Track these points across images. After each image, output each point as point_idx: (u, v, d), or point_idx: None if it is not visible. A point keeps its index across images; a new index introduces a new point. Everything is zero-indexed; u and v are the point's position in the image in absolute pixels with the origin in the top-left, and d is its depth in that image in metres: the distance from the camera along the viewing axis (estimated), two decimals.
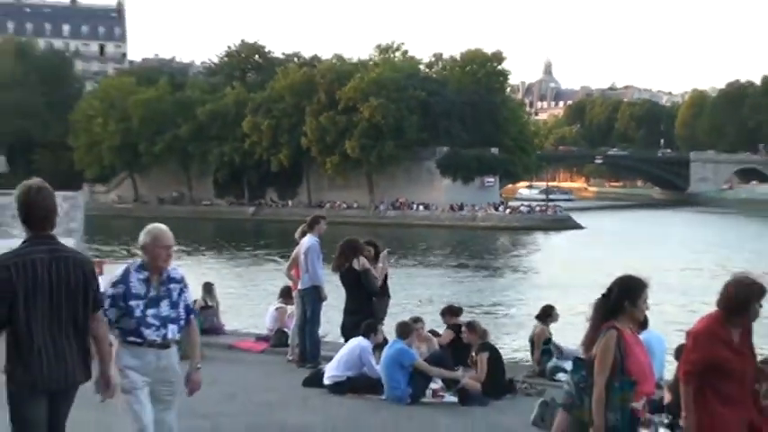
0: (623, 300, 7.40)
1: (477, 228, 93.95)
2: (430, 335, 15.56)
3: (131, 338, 7.02)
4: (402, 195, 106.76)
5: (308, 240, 16.10)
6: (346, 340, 15.08)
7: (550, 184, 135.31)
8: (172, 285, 7.17)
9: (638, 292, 7.43)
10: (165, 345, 7.08)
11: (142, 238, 7.16)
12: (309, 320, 16.15)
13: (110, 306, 7.00)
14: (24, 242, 6.92)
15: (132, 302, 7.00)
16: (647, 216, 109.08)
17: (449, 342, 15.41)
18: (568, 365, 13.72)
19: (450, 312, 16.38)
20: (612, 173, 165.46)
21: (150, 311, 7.02)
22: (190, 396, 7.37)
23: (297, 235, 17.05)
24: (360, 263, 15.56)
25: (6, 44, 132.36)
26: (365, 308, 15.45)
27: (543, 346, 16.06)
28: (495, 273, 60.04)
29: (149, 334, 7.01)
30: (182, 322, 7.22)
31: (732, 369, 7.40)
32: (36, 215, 6.96)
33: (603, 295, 7.57)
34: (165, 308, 7.09)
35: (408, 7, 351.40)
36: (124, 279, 7.09)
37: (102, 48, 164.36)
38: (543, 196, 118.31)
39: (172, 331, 7.12)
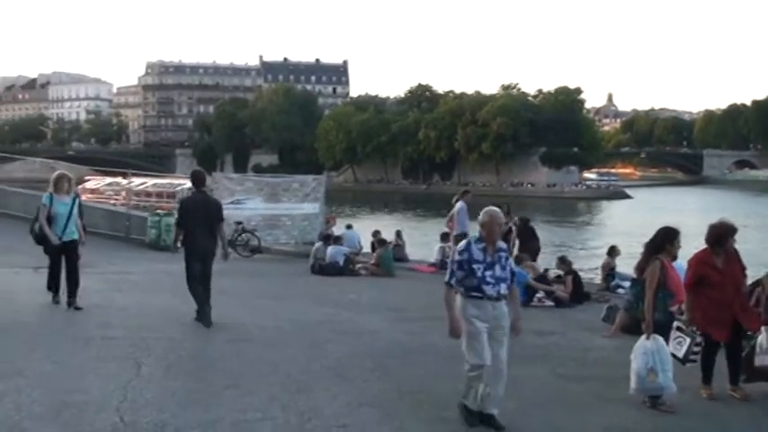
0: (664, 242, 7.23)
1: (564, 198, 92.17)
2: (534, 263, 15.25)
3: (474, 293, 6.08)
4: (516, 178, 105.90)
5: (459, 204, 16.05)
6: None
7: (610, 171, 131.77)
8: (501, 253, 6.20)
9: (673, 237, 7.29)
10: (498, 298, 6.10)
11: (482, 217, 6.25)
12: None
13: (457, 269, 6.11)
14: (192, 192, 10.52)
15: (474, 266, 6.07)
16: (673, 191, 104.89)
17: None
18: (626, 284, 13.39)
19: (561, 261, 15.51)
20: (652, 163, 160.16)
21: (488, 273, 6.07)
22: (515, 338, 6.37)
23: (453, 201, 17.00)
24: None
25: (278, 88, 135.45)
26: None
27: (609, 272, 15.59)
28: (576, 225, 58.81)
29: (488, 290, 6.05)
30: (508, 281, 6.22)
31: (714, 282, 7.26)
32: (195, 182, 10.13)
33: (651, 239, 7.39)
34: (497, 270, 6.10)
35: (522, 58, 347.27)
36: (468, 249, 6.14)
37: (334, 89, 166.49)
38: (600, 177, 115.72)
39: (503, 288, 6.13)
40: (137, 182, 38.80)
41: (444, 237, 18.52)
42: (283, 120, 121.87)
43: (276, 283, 15.02)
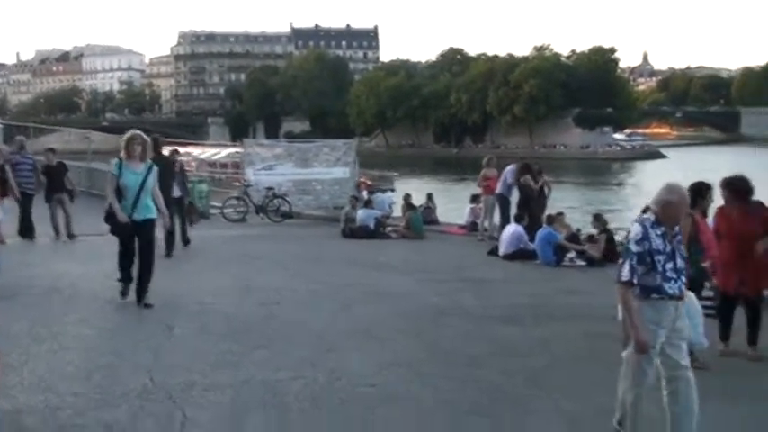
0: (696, 197, 7.06)
1: (597, 159, 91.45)
2: (568, 223, 15.11)
3: (654, 294, 4.79)
4: (549, 140, 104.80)
5: (509, 168, 15.85)
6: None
7: (645, 131, 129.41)
8: (678, 237, 4.93)
9: (705, 193, 7.15)
10: (680, 296, 4.87)
11: (664, 194, 4.88)
12: (499, 215, 16.01)
13: (638, 263, 4.77)
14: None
15: (656, 258, 4.80)
16: (710, 150, 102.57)
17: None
18: None
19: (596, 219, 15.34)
20: (688, 122, 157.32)
21: (668, 266, 4.81)
22: None
23: (483, 163, 16.94)
24: (523, 179, 15.28)
25: (309, 54, 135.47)
26: (527, 205, 15.15)
27: None
28: (610, 186, 58.31)
29: (669, 287, 4.80)
30: (684, 272, 4.96)
31: (725, 235, 7.34)
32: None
33: None
34: (678, 260, 4.87)
35: (555, 19, 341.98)
36: (646, 236, 4.80)
37: (364, 54, 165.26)
38: (629, 139, 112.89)
39: (683, 282, 4.90)
40: (210, 152, 35.81)
41: (474, 198, 18.41)
42: (314, 86, 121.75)
43: (307, 247, 15.05)
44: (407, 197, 19.24)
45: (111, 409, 5.14)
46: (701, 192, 7.11)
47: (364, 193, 19.95)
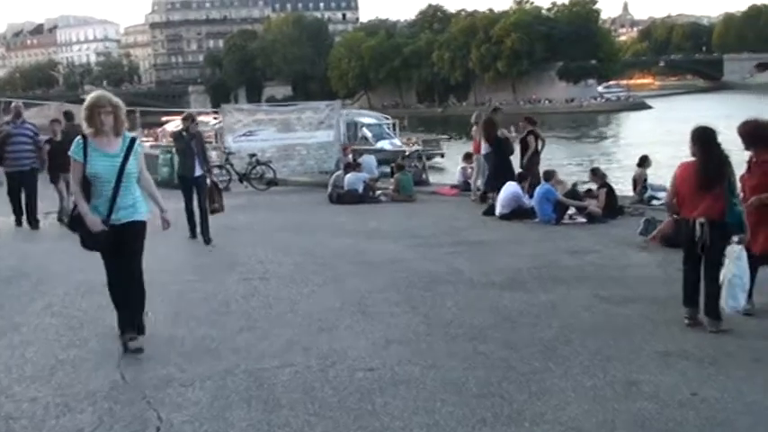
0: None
1: (582, 112, 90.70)
2: (563, 179, 14.51)
3: None
4: (534, 94, 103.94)
5: None
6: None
7: (627, 82, 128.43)
8: None
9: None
10: None
11: None
12: (489, 174, 15.36)
13: None
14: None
15: None
16: (694, 98, 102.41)
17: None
18: (660, 194, 12.72)
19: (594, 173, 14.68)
20: (671, 71, 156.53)
21: None
22: None
23: (472, 120, 16.28)
24: (502, 133, 14.68)
25: (287, 18, 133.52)
26: (507, 163, 14.53)
27: (642, 184, 14.84)
28: (600, 138, 57.80)
29: None
30: None
31: None
32: (66, 117, 12.45)
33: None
34: None
35: None
36: None
37: (344, 15, 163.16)
38: (608, 90, 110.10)
39: None
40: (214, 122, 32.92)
41: (467, 157, 17.77)
42: (294, 50, 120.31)
43: (293, 215, 14.40)
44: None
45: (74, 416, 4.49)
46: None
47: (349, 157, 19.22)
